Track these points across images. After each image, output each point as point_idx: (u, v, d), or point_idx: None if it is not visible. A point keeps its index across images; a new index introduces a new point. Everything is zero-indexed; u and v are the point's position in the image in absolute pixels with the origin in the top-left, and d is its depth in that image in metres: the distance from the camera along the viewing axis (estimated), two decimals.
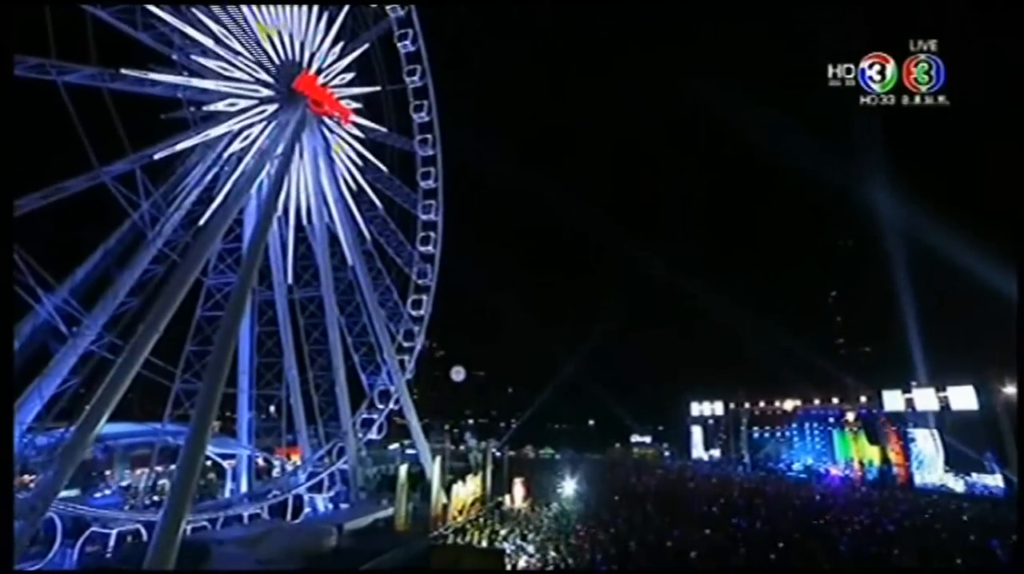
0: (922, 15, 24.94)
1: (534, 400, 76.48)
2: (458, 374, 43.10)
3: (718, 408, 68.35)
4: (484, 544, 23.57)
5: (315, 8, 33.13)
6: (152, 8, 24.59)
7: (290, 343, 33.89)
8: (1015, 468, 34.34)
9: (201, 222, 26.55)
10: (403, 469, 28.25)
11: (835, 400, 52.64)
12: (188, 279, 21.73)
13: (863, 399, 49.14)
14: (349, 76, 37.67)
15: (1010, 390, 36.31)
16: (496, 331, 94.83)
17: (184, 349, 27.05)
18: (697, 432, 71.50)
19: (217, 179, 28.44)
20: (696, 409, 71.61)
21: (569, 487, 39.68)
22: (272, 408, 35.81)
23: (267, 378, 33.60)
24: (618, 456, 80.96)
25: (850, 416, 49.79)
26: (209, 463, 35.98)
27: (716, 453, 67.55)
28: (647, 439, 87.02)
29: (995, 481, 37.33)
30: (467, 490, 31.54)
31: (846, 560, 21.84)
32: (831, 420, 54.04)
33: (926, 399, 42.37)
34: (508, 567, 20.04)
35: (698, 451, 70.39)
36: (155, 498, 29.10)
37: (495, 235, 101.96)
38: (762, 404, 62.04)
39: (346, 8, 34.98)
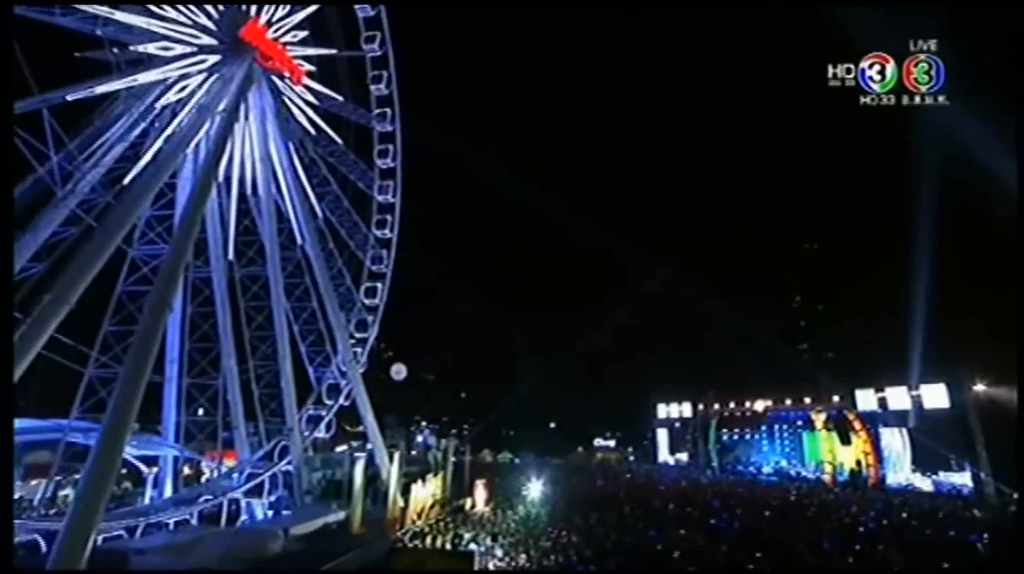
0: (922, 15, 25.93)
1: (489, 404, 75.33)
2: (399, 373, 41.60)
3: (686, 410, 69.08)
4: (449, 548, 22.41)
5: None
6: None
7: (228, 327, 31.53)
8: (985, 466, 36.00)
9: (126, 182, 24.05)
10: (359, 466, 26.63)
11: (807, 400, 53.95)
12: (108, 246, 19.54)
13: (836, 399, 50.56)
14: (302, 34, 35.60)
15: (980, 387, 38.17)
16: (450, 330, 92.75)
17: (101, 328, 24.42)
18: (663, 435, 72.18)
19: (147, 135, 25.97)
20: (663, 411, 72.24)
21: (535, 490, 38.94)
22: (200, 411, 33.13)
23: (200, 366, 31.07)
24: (580, 461, 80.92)
25: (822, 416, 51.15)
26: (124, 471, 33.06)
27: (683, 457, 68.27)
28: (611, 443, 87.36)
29: (962, 479, 39.08)
30: (426, 492, 30.22)
31: (831, 557, 21.90)
32: (799, 423, 55.54)
33: (899, 397, 44.11)
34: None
35: (664, 455, 71.06)
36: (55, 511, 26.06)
37: (453, 225, 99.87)
38: (732, 405, 63.07)
39: None
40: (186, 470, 36.78)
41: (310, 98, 37.23)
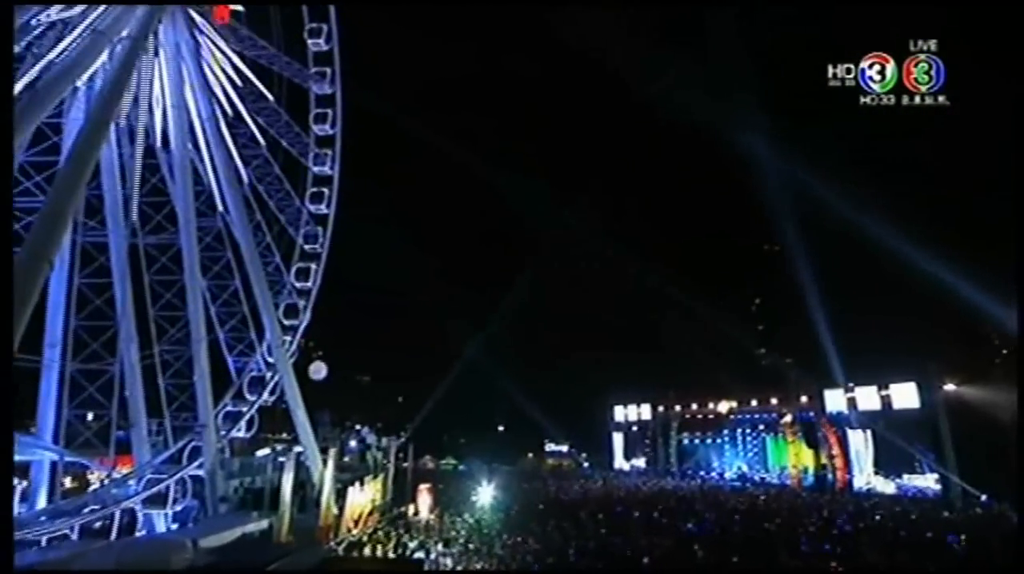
0: (922, 15, 26.79)
1: (431, 407, 73.32)
2: (318, 372, 39.52)
3: (645, 412, 69.67)
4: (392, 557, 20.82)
5: None
6: None
7: (129, 304, 28.14)
8: (952, 467, 37.48)
9: None
10: (289, 466, 24.49)
11: (774, 401, 55.11)
12: None
13: (804, 399, 51.77)
14: None
15: (950, 387, 39.84)
16: (387, 326, 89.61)
17: None
18: (619, 439, 72.57)
19: (21, 60, 22.74)
20: (620, 414, 72.63)
21: (485, 496, 37.75)
22: (89, 408, 29.50)
23: (90, 350, 27.65)
24: (530, 467, 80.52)
25: (787, 419, 52.33)
26: None
27: (640, 462, 68.78)
28: (563, 448, 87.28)
29: (925, 482, 40.70)
30: (364, 497, 28.33)
31: (810, 559, 22.18)
32: (763, 426, 56.87)
33: (868, 397, 45.64)
34: None
35: (619, 461, 71.43)
36: None
37: (396, 209, 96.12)
38: (694, 407, 63.92)
39: None
40: (68, 482, 32.89)
41: (235, 44, 34.41)
